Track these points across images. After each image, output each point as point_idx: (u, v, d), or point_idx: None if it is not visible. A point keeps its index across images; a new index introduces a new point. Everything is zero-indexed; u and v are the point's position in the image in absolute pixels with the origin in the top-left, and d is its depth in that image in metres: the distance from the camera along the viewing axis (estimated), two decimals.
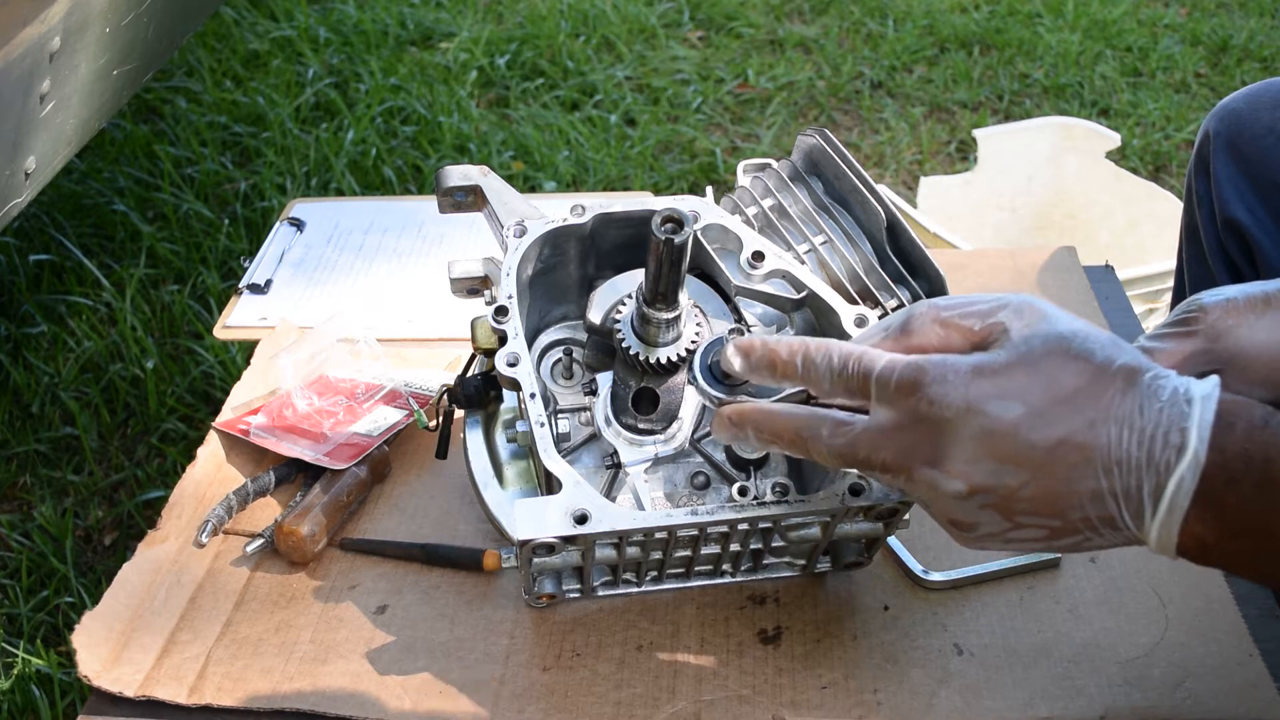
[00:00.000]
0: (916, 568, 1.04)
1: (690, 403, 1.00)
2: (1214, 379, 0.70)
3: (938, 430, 0.72)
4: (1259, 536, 0.68)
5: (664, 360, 0.93)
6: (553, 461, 0.88)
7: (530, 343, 1.03)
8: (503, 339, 0.93)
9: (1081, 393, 0.70)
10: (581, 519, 0.85)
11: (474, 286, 1.05)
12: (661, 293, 0.88)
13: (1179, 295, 1.47)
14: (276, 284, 1.50)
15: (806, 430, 0.78)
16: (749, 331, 0.99)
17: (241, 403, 1.24)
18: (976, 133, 2.41)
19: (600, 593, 1.00)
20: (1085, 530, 0.72)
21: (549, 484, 0.90)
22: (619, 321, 0.94)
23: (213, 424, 1.21)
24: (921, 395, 0.72)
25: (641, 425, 0.97)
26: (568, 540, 0.86)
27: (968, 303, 0.77)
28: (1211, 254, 1.32)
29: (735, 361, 0.81)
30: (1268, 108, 1.26)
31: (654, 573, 0.99)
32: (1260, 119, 1.26)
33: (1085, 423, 0.69)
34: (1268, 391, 0.81)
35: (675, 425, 0.98)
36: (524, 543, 0.86)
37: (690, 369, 0.88)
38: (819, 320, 0.98)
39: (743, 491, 0.89)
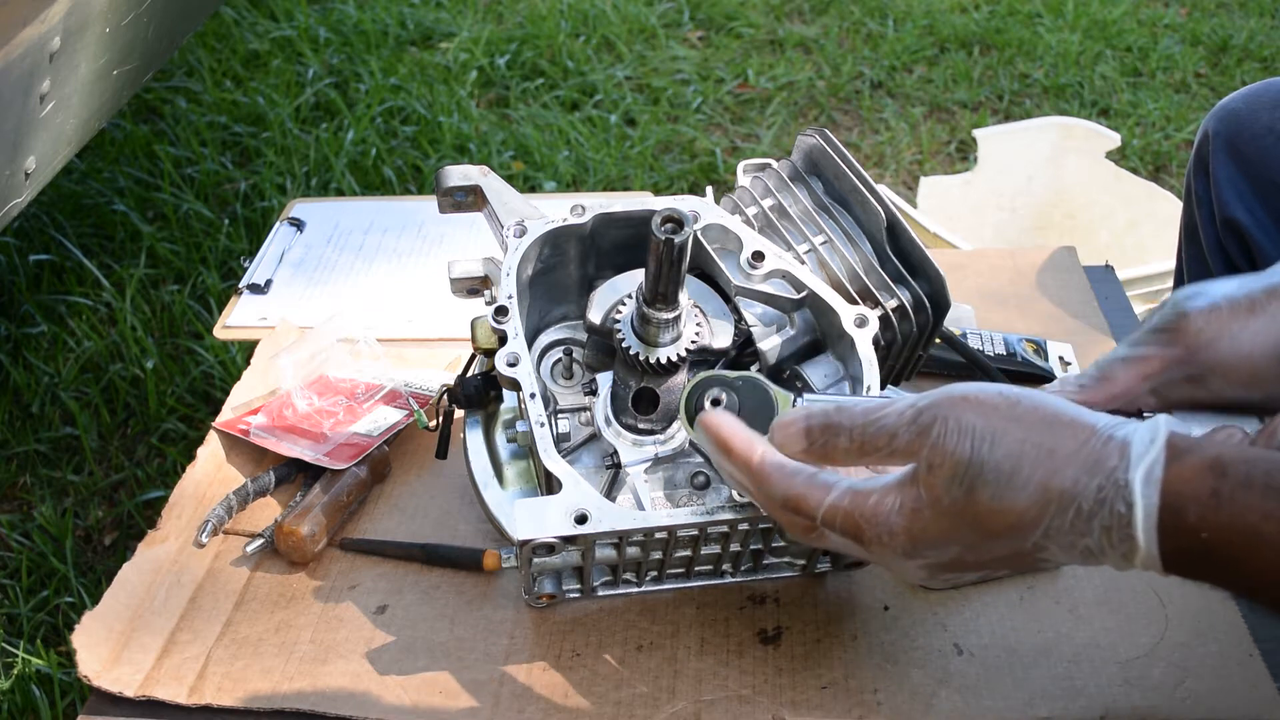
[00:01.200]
0: None
1: None
2: (1157, 440, 0.69)
3: (888, 559, 0.77)
4: (1228, 588, 0.71)
5: (664, 360, 0.93)
6: (553, 461, 0.88)
7: (530, 343, 1.03)
8: (503, 339, 0.93)
9: (1014, 524, 0.71)
10: (581, 519, 0.85)
11: (474, 286, 1.05)
12: (661, 293, 0.88)
13: None
14: (276, 284, 1.50)
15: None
16: (746, 324, 0.99)
17: (241, 403, 1.24)
18: (976, 133, 2.41)
19: (600, 593, 1.00)
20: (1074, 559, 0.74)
21: (549, 484, 0.90)
22: (619, 321, 0.94)
23: (213, 424, 1.21)
24: (863, 542, 0.76)
25: (641, 425, 0.97)
26: (568, 540, 0.86)
27: (879, 424, 0.77)
28: (1211, 254, 1.32)
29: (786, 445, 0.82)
30: (1267, 108, 1.26)
31: (654, 573, 0.99)
32: (1259, 119, 1.26)
33: (1027, 542, 0.72)
34: (1251, 393, 0.82)
35: (675, 425, 0.98)
36: (524, 543, 0.86)
37: (680, 411, 0.88)
38: (819, 320, 0.98)
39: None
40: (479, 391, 1.02)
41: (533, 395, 0.91)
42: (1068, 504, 0.70)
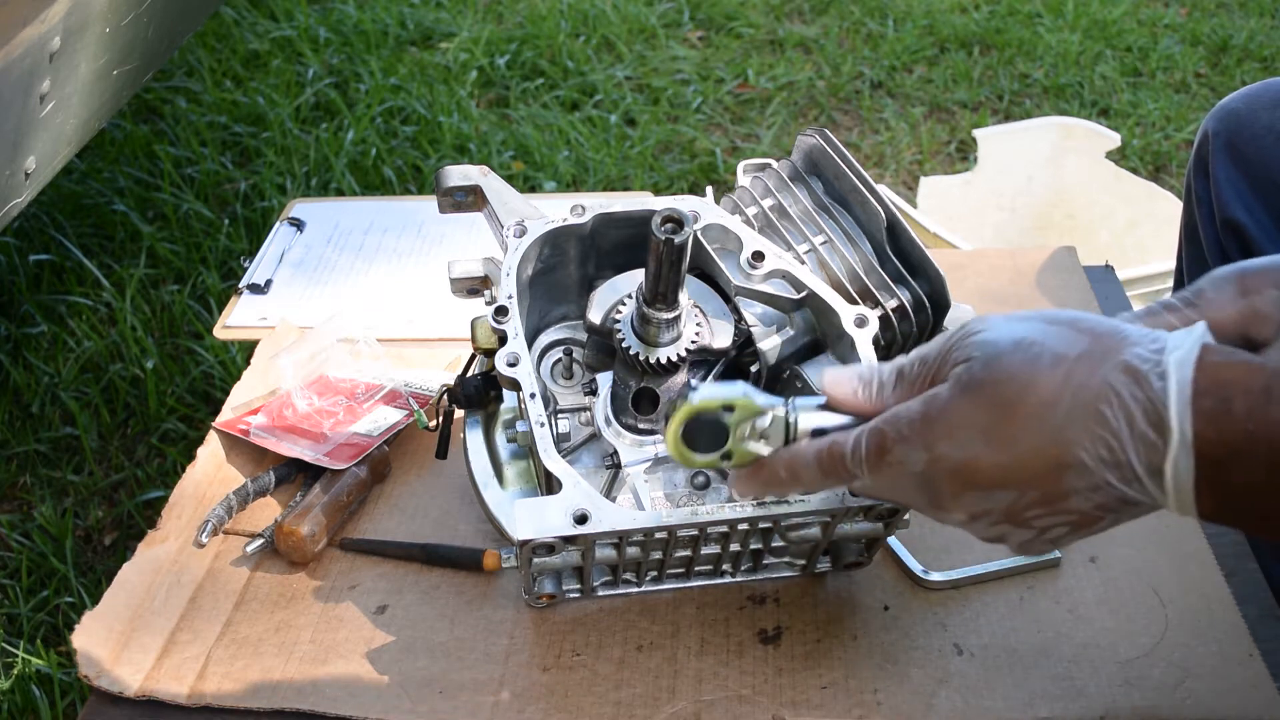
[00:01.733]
0: (916, 568, 1.04)
1: None
2: (1195, 333, 0.67)
3: (919, 480, 0.73)
4: (1269, 516, 0.66)
5: (664, 360, 0.93)
6: (553, 461, 0.88)
7: (530, 343, 1.03)
8: (503, 339, 0.93)
9: (1037, 409, 0.68)
10: (581, 519, 0.85)
11: (474, 286, 1.05)
12: (661, 293, 0.88)
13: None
14: (276, 284, 1.50)
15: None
16: (746, 324, 0.99)
17: (241, 403, 1.24)
18: (976, 133, 2.41)
19: (600, 593, 1.00)
20: (1110, 513, 0.70)
21: (549, 484, 0.90)
22: (619, 321, 0.94)
23: (213, 424, 1.21)
24: (889, 457, 0.73)
25: (641, 425, 0.97)
26: (568, 540, 0.86)
27: (923, 353, 0.77)
28: (1211, 255, 1.32)
29: (745, 493, 0.83)
30: (1267, 108, 1.26)
31: (654, 573, 0.99)
32: (1259, 119, 1.26)
33: (1050, 432, 0.68)
34: None
35: None
36: (524, 543, 0.86)
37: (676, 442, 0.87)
38: (819, 320, 0.98)
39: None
40: (479, 391, 1.02)
41: (533, 395, 0.91)
42: (1094, 378, 0.66)
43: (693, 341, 0.94)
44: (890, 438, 0.73)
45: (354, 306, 1.43)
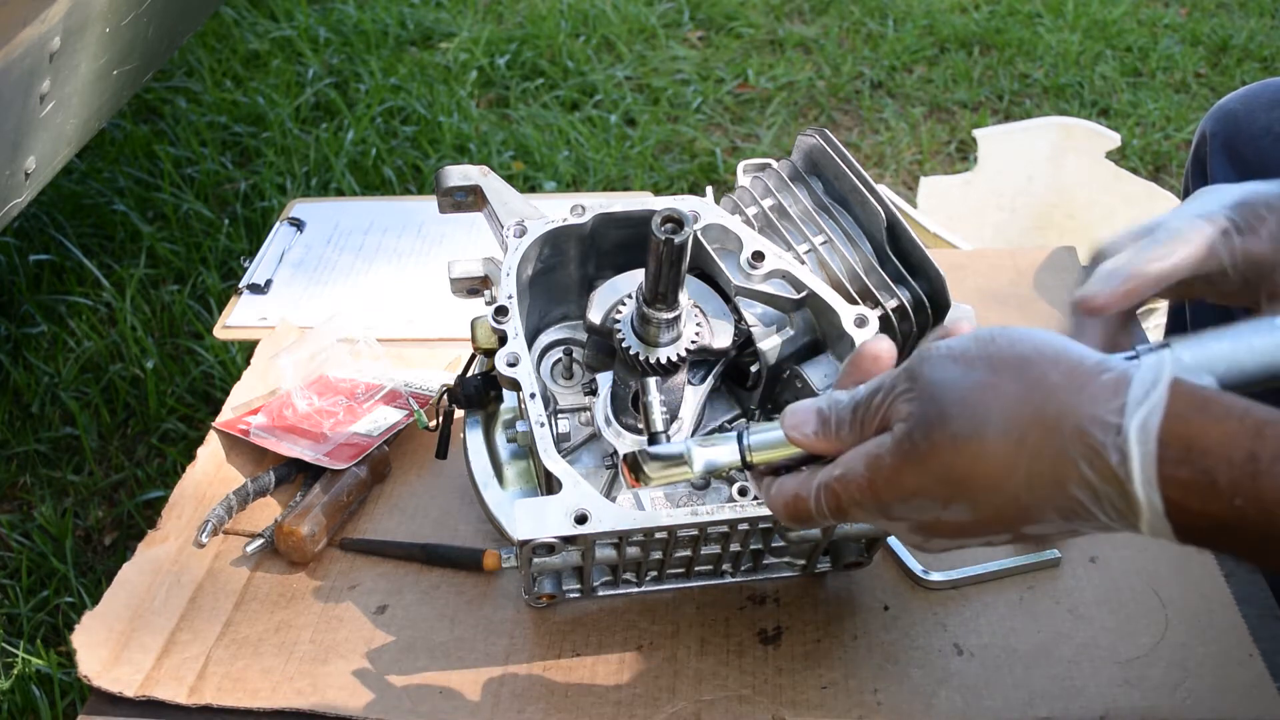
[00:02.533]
0: (916, 568, 1.04)
1: (690, 403, 1.00)
2: (1160, 384, 0.61)
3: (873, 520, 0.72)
4: (1265, 553, 0.62)
5: (664, 360, 0.93)
6: (553, 461, 0.88)
7: (530, 343, 1.03)
8: (503, 339, 0.93)
9: (989, 477, 0.64)
10: (581, 519, 0.85)
11: (474, 286, 1.05)
12: (661, 293, 0.88)
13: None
14: (276, 284, 1.50)
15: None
16: (746, 323, 0.99)
17: (241, 403, 1.24)
18: (976, 133, 2.41)
19: (600, 593, 1.00)
20: (1082, 534, 0.68)
21: (549, 484, 0.90)
22: (619, 321, 0.94)
23: (213, 424, 1.21)
24: (849, 516, 0.72)
25: (641, 425, 0.97)
26: (568, 540, 0.86)
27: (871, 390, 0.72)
28: None
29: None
30: (1264, 108, 1.26)
31: (654, 573, 0.99)
32: (1257, 120, 1.26)
33: (1010, 499, 0.64)
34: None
35: (675, 425, 0.98)
36: (524, 543, 0.86)
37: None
38: (819, 320, 0.98)
39: (743, 492, 0.89)
40: (479, 391, 1.02)
41: (533, 395, 0.91)
42: (1049, 447, 0.61)
43: (693, 341, 0.94)
44: (844, 499, 0.71)
45: (354, 306, 1.43)
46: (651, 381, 0.94)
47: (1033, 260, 1.47)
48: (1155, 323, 1.58)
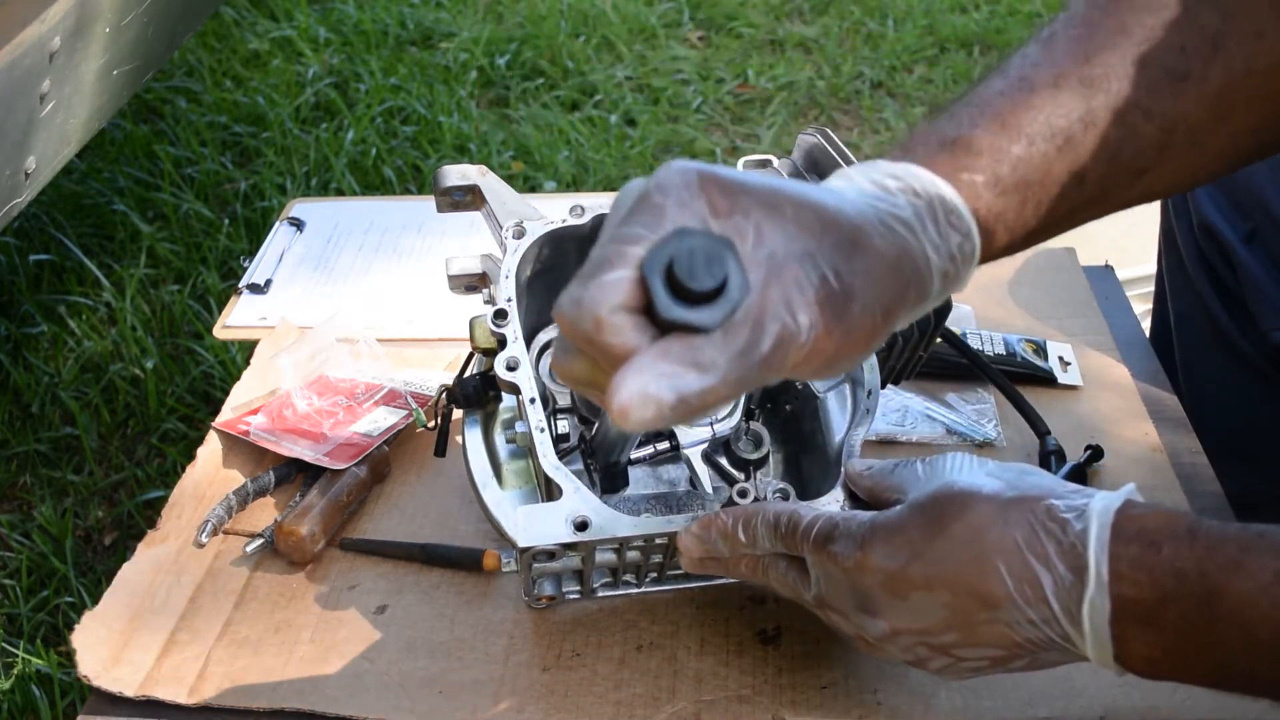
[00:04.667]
0: None
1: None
2: (1122, 492, 0.69)
3: (851, 580, 0.75)
4: (1208, 650, 0.66)
5: None
6: (553, 468, 0.88)
7: (529, 341, 1.03)
8: (502, 342, 0.93)
9: (967, 531, 0.70)
10: (582, 526, 0.85)
11: (472, 283, 1.05)
12: None
13: (1159, 303, 1.47)
14: (276, 284, 1.50)
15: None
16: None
17: (241, 403, 1.24)
18: None
19: (600, 593, 1.00)
20: (1027, 654, 0.72)
21: (549, 489, 0.90)
22: None
23: (213, 424, 1.21)
24: (831, 546, 0.75)
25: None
26: (568, 547, 0.86)
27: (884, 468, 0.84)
28: (1190, 261, 1.32)
29: (693, 548, 0.84)
30: None
31: (654, 573, 0.99)
32: None
33: (975, 558, 0.69)
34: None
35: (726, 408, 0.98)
36: (524, 550, 0.86)
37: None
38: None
39: (743, 494, 0.89)
40: (477, 391, 1.02)
41: (532, 400, 0.90)
42: (1020, 521, 0.69)
43: None
44: (839, 528, 0.76)
45: (354, 306, 1.43)
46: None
47: (1033, 260, 1.47)
48: (1146, 324, 1.58)
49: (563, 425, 1.01)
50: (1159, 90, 0.74)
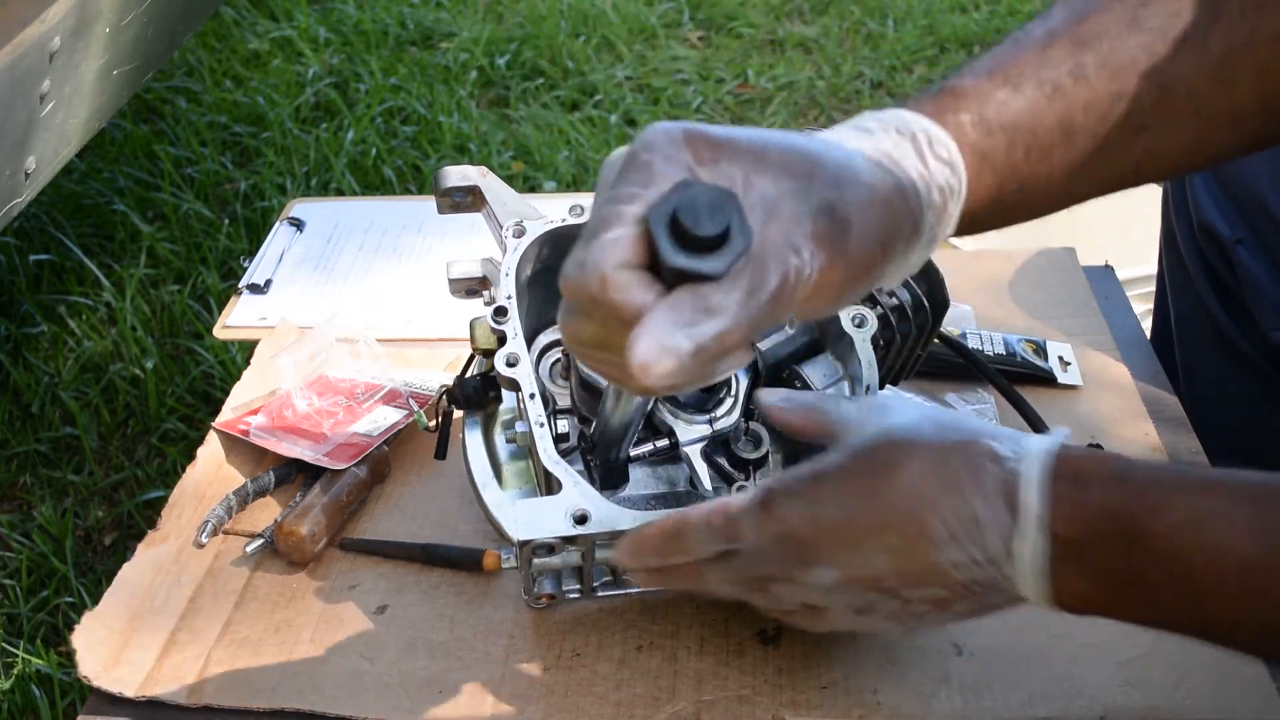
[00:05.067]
0: None
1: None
2: (1056, 435, 0.70)
3: (800, 539, 0.75)
4: (1136, 586, 0.68)
5: None
6: (552, 462, 0.88)
7: (529, 342, 1.03)
8: (501, 340, 0.93)
9: (911, 476, 0.71)
10: (581, 519, 0.85)
11: (472, 287, 1.05)
12: None
13: (1160, 301, 1.47)
14: (276, 284, 1.50)
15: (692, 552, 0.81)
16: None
17: (241, 403, 1.24)
18: None
19: (600, 593, 1.00)
20: (968, 596, 0.74)
21: (548, 484, 0.90)
22: None
23: (213, 424, 1.21)
24: (776, 511, 0.75)
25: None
26: (568, 541, 0.86)
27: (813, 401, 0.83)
28: (1190, 261, 1.32)
29: (627, 560, 0.84)
30: None
31: None
32: None
33: (919, 501, 0.70)
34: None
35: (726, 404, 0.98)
36: (524, 543, 0.86)
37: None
38: (817, 320, 0.98)
39: (742, 490, 0.89)
40: (478, 392, 1.02)
41: (532, 396, 0.91)
42: (962, 463, 0.70)
43: None
44: (777, 492, 0.75)
45: (354, 306, 1.43)
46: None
47: (1033, 260, 1.47)
48: (1146, 324, 1.58)
49: (562, 425, 1.01)
50: (1153, 51, 0.75)
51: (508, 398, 1.02)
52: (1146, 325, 1.51)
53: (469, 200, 1.06)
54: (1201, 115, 0.78)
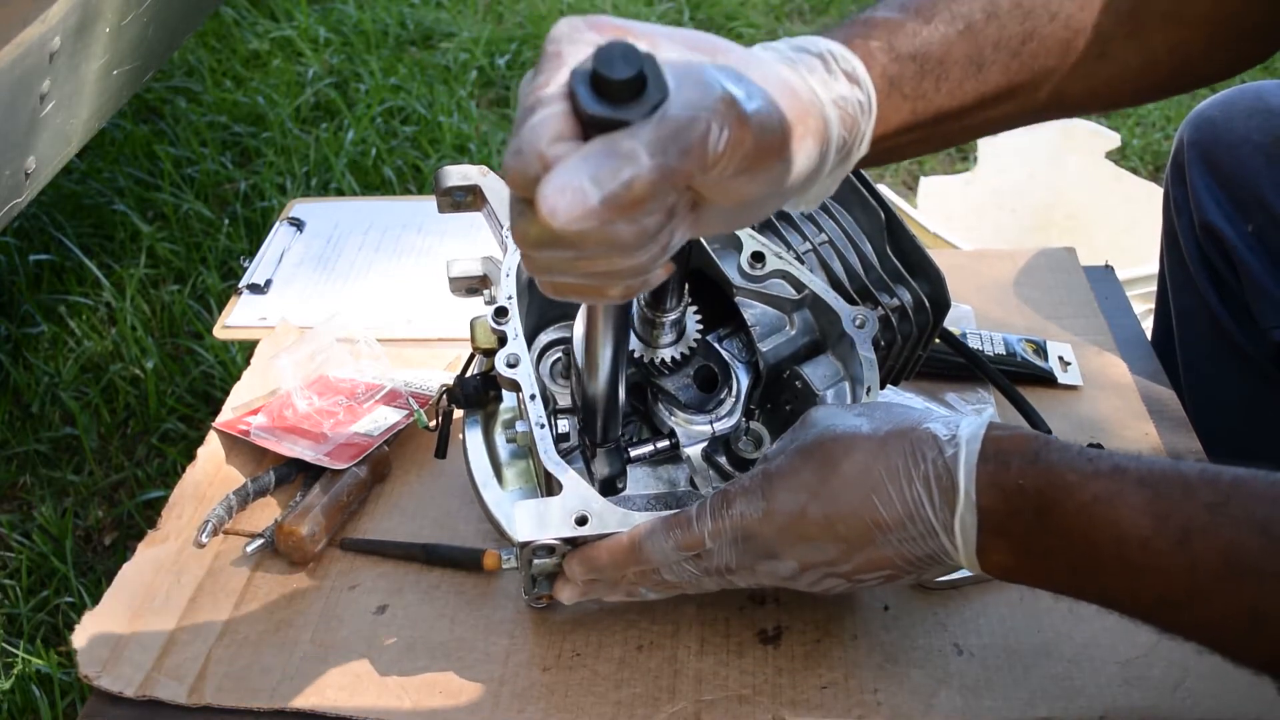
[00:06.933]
0: None
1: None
2: (982, 418, 0.76)
3: (758, 535, 0.80)
4: (1045, 557, 0.74)
5: (666, 359, 0.93)
6: (553, 463, 0.88)
7: (529, 342, 1.03)
8: (502, 340, 0.93)
9: (855, 468, 0.77)
10: (582, 520, 0.85)
11: (473, 286, 1.05)
12: (663, 295, 0.88)
13: (1162, 300, 1.47)
14: (276, 284, 1.50)
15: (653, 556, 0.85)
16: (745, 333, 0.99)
17: (241, 403, 1.24)
18: None
19: None
20: (915, 568, 0.80)
21: (549, 485, 0.90)
22: None
23: (213, 424, 1.21)
24: (732, 510, 0.81)
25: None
26: (568, 541, 0.86)
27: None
28: (1191, 260, 1.32)
29: (578, 574, 0.88)
30: (1242, 116, 1.25)
31: None
32: (1235, 128, 1.25)
33: (864, 492, 0.77)
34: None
35: (728, 405, 0.98)
36: (524, 544, 0.86)
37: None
38: (818, 321, 0.98)
39: None
40: (478, 391, 1.02)
41: (532, 396, 0.91)
42: (900, 451, 0.76)
43: (695, 339, 0.94)
44: (733, 493, 0.81)
45: (354, 306, 1.43)
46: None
47: (1033, 260, 1.47)
48: (1146, 324, 1.58)
49: (563, 425, 1.01)
50: None
51: (508, 397, 1.02)
52: (1147, 325, 1.51)
53: (469, 200, 1.06)
54: (1111, 60, 0.82)
